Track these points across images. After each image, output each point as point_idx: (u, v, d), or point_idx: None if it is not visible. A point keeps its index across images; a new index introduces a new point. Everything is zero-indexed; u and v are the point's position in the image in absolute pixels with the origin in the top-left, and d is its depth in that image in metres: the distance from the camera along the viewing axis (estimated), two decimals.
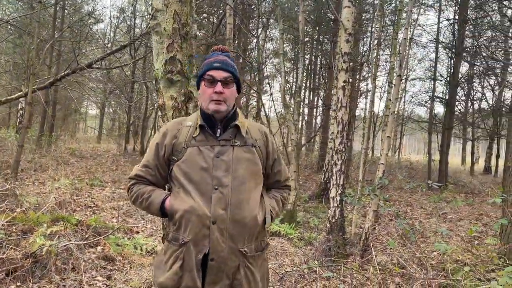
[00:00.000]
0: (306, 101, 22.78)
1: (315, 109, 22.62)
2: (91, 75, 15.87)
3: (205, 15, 16.59)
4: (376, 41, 8.92)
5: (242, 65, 15.75)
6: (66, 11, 15.97)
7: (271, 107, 23.17)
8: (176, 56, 2.37)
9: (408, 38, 16.01)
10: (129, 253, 4.45)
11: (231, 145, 1.73)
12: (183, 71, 2.39)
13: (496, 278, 3.29)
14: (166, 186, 1.90)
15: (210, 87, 1.75)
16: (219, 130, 1.77)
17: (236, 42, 17.08)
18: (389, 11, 15.59)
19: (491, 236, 6.25)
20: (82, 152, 14.78)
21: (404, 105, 21.08)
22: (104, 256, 4.23)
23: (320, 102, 21.85)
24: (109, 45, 16.70)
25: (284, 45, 20.76)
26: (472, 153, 20.22)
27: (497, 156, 18.73)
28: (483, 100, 18.53)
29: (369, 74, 15.27)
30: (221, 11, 15.12)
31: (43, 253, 3.62)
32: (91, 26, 15.58)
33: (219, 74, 1.74)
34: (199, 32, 17.02)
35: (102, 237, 4.60)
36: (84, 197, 7.34)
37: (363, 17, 16.13)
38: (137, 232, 5.42)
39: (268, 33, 18.65)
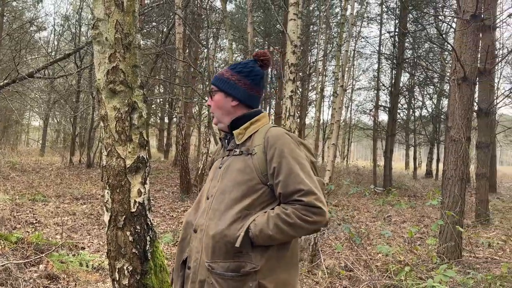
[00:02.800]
0: None
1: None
2: (33, 85, 15.12)
3: (154, 24, 16.39)
4: (322, 53, 9.25)
5: (193, 74, 15.70)
6: (5, 18, 15.16)
7: None
8: (118, 66, 2.34)
9: (352, 50, 16.75)
10: (74, 270, 4.26)
11: (232, 154, 1.72)
12: (126, 81, 2.37)
13: (434, 276, 3.50)
14: None
15: None
16: (226, 141, 1.81)
17: (187, 51, 17.01)
18: (334, 23, 16.23)
19: (431, 236, 6.61)
20: (23, 166, 13.99)
21: (351, 113, 21.88)
22: (47, 275, 4.03)
23: (272, 111, 22.18)
24: (53, 53, 16.01)
25: (235, 55, 20.95)
26: (415, 158, 21.33)
27: (437, 161, 19.88)
28: (423, 108, 19.67)
29: (318, 84, 15.75)
30: (170, 20, 15.01)
31: None
32: (33, 34, 14.88)
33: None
34: (148, 41, 16.76)
35: (44, 255, 4.38)
36: (26, 213, 6.95)
37: (311, 29, 16.67)
38: (83, 248, 5.21)
39: (219, 42, 18.75)
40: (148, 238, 2.39)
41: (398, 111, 17.07)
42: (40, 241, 4.71)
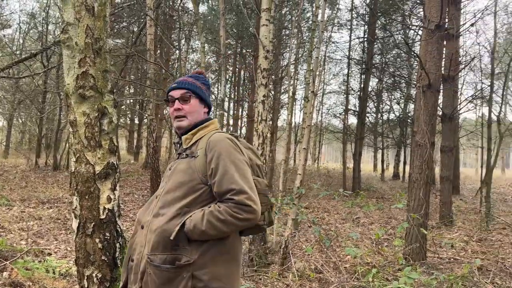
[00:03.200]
0: (231, 112, 23.01)
1: (239, 120, 22.93)
2: None
3: (125, 24, 16.13)
4: (294, 57, 9.37)
5: (164, 76, 15.52)
6: None
7: None
8: (88, 71, 2.31)
9: (322, 56, 17.02)
10: (41, 277, 4.14)
11: (180, 158, 1.85)
12: (96, 86, 2.35)
13: (399, 278, 3.62)
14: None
15: (172, 106, 1.91)
16: (178, 144, 1.93)
17: (159, 52, 16.80)
18: (306, 28, 16.44)
19: (398, 237, 6.80)
20: None
21: (322, 116, 22.20)
22: (11, 283, 3.90)
23: (245, 113, 22.22)
24: (18, 52, 15.46)
25: (208, 57, 20.88)
26: (382, 161, 21.87)
27: (404, 163, 20.43)
28: (391, 112, 20.19)
29: (290, 87, 15.93)
30: (141, 20, 14.79)
31: None
32: None
33: (177, 93, 1.90)
34: (118, 41, 16.46)
35: (8, 262, 4.24)
36: None
37: (283, 33, 16.82)
38: (49, 254, 5.07)
39: (191, 43, 18.63)
40: (117, 245, 2.37)
41: (367, 114, 17.46)
42: (4, 248, 4.56)
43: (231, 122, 21.75)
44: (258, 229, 1.89)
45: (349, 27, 16.98)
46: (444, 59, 7.95)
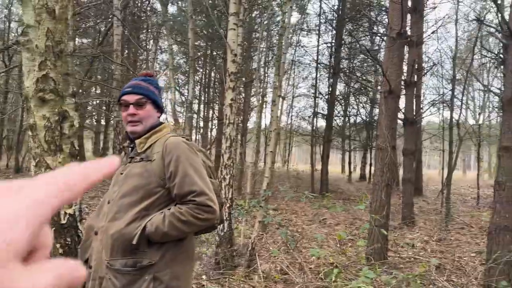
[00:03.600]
0: (201, 114, 22.87)
1: (210, 122, 22.82)
2: None
3: (91, 23, 15.77)
4: (264, 60, 9.46)
5: (132, 77, 15.27)
6: None
7: (166, 119, 22.69)
8: (49, 74, 2.29)
9: (291, 60, 17.23)
10: None
11: (133, 161, 1.84)
12: (57, 90, 2.32)
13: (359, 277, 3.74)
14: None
15: (125, 111, 1.88)
16: (130, 148, 1.93)
17: (126, 52, 16.52)
18: (275, 31, 16.60)
19: (362, 238, 7.00)
20: None
21: (291, 119, 22.45)
22: None
23: (215, 115, 22.14)
24: None
25: (178, 58, 20.68)
26: (349, 163, 22.36)
27: (370, 165, 20.96)
28: (358, 115, 20.65)
29: (260, 90, 16.04)
30: (109, 20, 14.52)
31: None
32: None
33: (131, 98, 1.87)
34: (84, 42, 16.08)
35: None
36: None
37: (253, 36, 16.92)
38: None
39: (160, 44, 18.41)
40: (78, 250, 2.35)
41: (335, 118, 17.80)
42: None
43: (201, 124, 21.62)
44: (212, 227, 1.94)
45: (317, 32, 17.27)
46: (406, 66, 8.26)
